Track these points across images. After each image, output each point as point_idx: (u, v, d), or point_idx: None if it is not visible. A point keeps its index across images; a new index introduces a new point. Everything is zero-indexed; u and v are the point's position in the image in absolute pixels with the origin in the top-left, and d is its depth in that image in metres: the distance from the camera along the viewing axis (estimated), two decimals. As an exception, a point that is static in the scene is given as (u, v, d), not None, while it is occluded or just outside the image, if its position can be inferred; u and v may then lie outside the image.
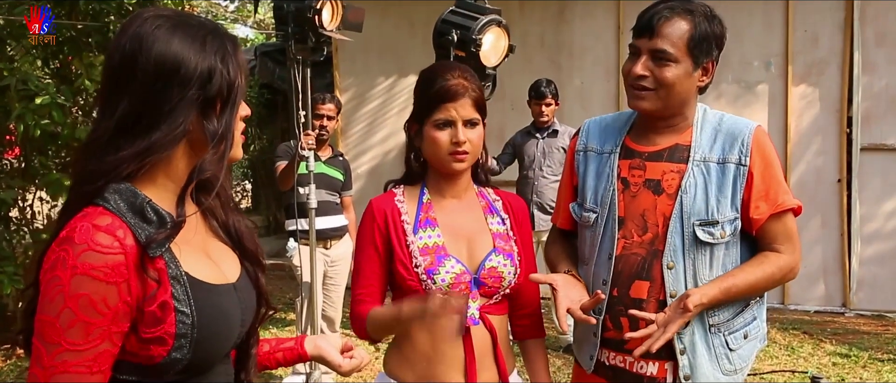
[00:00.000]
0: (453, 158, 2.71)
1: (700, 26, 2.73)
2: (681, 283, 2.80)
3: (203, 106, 1.76)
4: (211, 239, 1.97)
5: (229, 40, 1.82)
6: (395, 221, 2.76)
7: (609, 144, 2.97)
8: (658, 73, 2.74)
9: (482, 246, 2.77)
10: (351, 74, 10.85)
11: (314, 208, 5.85)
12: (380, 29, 10.07)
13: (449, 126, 2.70)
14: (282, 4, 5.42)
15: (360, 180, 10.32)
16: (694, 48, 2.74)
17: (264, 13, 22.62)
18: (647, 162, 2.88)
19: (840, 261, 9.29)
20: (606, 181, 2.91)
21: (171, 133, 1.71)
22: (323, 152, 6.73)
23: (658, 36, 2.72)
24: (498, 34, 3.97)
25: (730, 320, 2.88)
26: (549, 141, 7.55)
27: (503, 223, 2.86)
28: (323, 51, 5.58)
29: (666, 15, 2.73)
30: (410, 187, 2.88)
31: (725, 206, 2.80)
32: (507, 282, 2.75)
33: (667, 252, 2.81)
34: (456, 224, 2.79)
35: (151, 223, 1.71)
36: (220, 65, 1.76)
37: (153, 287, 1.70)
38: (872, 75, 9.15)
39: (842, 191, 9.25)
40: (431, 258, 2.69)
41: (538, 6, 9.99)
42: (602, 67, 9.78)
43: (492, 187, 2.98)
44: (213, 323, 1.79)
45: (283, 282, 10.97)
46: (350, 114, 10.79)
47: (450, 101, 2.69)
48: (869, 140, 9.18)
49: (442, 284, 2.66)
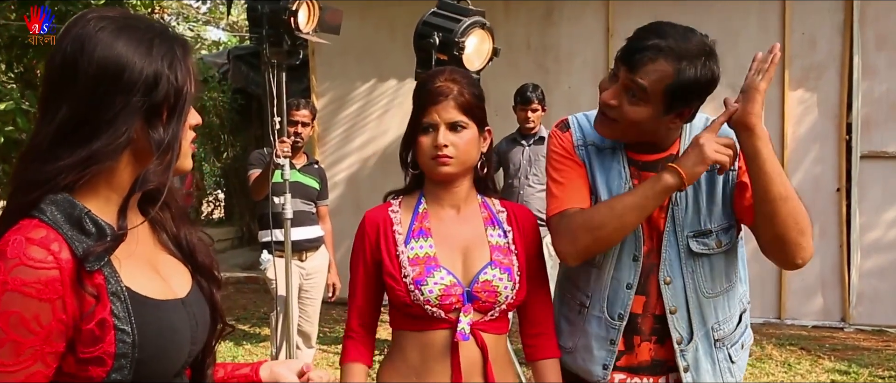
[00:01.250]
0: (436, 162, 2.71)
1: (684, 74, 2.60)
2: (680, 298, 2.81)
3: (148, 113, 1.72)
4: (160, 252, 1.94)
5: (179, 44, 1.80)
6: (387, 232, 2.77)
7: (608, 140, 2.92)
8: (626, 108, 2.68)
9: (478, 258, 2.76)
10: (328, 79, 10.82)
11: (289, 218, 5.83)
12: (358, 31, 10.04)
13: (432, 130, 2.71)
14: (256, 6, 5.40)
15: (337, 189, 10.32)
16: (670, 95, 2.64)
17: (238, 15, 22.58)
18: (642, 171, 2.87)
19: (839, 273, 9.28)
20: (619, 177, 2.87)
21: (114, 142, 1.68)
22: (297, 160, 6.71)
23: (637, 72, 2.63)
24: (482, 37, 3.97)
25: (732, 333, 2.90)
26: (535, 148, 7.52)
27: (505, 235, 2.84)
28: (299, 54, 5.56)
29: (651, 56, 2.62)
30: (408, 198, 2.89)
31: (718, 214, 2.81)
32: (503, 297, 2.73)
33: (662, 267, 2.82)
34: (452, 235, 2.79)
35: (90, 235, 1.67)
36: (168, 70, 1.74)
37: (91, 303, 1.66)
38: (873, 79, 9.10)
39: (841, 200, 9.23)
40: (421, 268, 2.68)
41: (524, 8, 9.99)
42: (590, 71, 9.73)
43: (499, 198, 2.96)
44: (157, 342, 1.75)
45: (257, 296, 10.96)
46: (327, 120, 10.77)
47: (432, 105, 2.70)
48: (869, 147, 9.15)
49: (430, 296, 2.66)
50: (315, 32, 5.54)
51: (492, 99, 9.44)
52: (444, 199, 2.82)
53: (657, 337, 2.88)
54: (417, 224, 2.78)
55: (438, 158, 2.70)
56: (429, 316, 2.68)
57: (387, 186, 2.99)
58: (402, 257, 2.71)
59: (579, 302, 2.97)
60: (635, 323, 2.84)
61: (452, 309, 2.68)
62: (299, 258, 6.63)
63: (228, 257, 14.18)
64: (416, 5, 4.48)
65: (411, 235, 2.76)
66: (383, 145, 10.45)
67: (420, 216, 2.80)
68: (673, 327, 2.83)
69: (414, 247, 2.73)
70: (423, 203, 2.84)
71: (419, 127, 2.73)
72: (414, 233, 2.76)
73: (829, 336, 8.94)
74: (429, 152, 2.71)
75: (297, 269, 6.57)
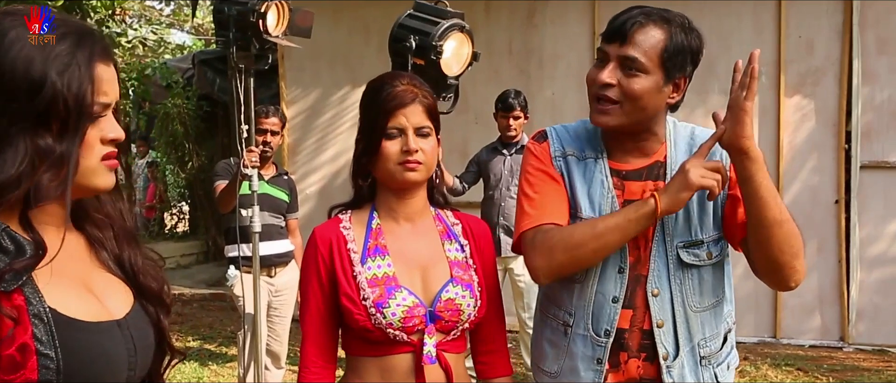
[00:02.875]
0: (404, 168, 2.68)
1: (676, 37, 2.71)
2: (667, 311, 2.81)
3: (35, 122, 1.65)
4: (97, 271, 1.88)
5: (84, 48, 1.71)
6: (341, 250, 2.73)
7: (589, 151, 2.93)
8: (625, 83, 2.71)
9: (438, 275, 2.74)
10: (299, 85, 10.81)
11: (258, 232, 5.81)
12: (331, 35, 10.06)
13: (399, 134, 2.68)
14: (222, 7, 5.39)
15: (308, 202, 10.30)
16: (667, 60, 2.71)
17: (203, 17, 22.56)
18: (625, 181, 2.87)
19: (838, 289, 9.28)
20: (602, 187, 2.87)
21: (17, 168, 1.63)
22: (266, 171, 6.70)
23: (630, 43, 2.69)
24: (461, 40, 3.98)
25: (718, 351, 2.91)
26: (517, 158, 7.47)
27: (462, 250, 2.83)
28: (267, 58, 5.56)
29: (640, 21, 2.70)
30: (358, 212, 2.85)
31: (708, 225, 2.83)
32: (466, 315, 2.72)
33: (650, 278, 2.81)
34: (409, 251, 2.76)
35: (8, 253, 1.63)
36: (56, 76, 1.65)
37: (9, 327, 1.60)
38: (873, 85, 9.10)
39: (840, 212, 9.23)
40: (381, 290, 2.65)
41: (505, 9, 10.01)
42: (575, 77, 9.64)
43: (451, 209, 2.96)
44: (86, 367, 1.69)
45: (224, 314, 10.92)
46: (298, 128, 10.76)
47: (399, 108, 2.67)
48: (869, 157, 9.14)
49: (393, 319, 2.62)
50: (285, 36, 5.54)
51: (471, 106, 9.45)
52: (398, 212, 2.80)
53: (646, 354, 2.86)
54: (372, 241, 2.75)
55: (408, 164, 2.67)
56: (390, 339, 2.65)
57: (360, 199, 2.97)
58: (360, 278, 2.67)
59: (563, 321, 2.95)
60: (622, 339, 2.83)
61: (415, 330, 2.66)
62: (268, 274, 6.61)
63: (193, 272, 14.15)
64: (391, 7, 4.49)
65: (367, 254, 2.72)
66: (357, 155, 10.34)
67: (374, 232, 2.77)
68: (660, 342, 2.82)
69: (371, 266, 2.70)
70: (376, 217, 2.80)
71: (383, 132, 2.68)
72: (370, 251, 2.73)
73: (827, 356, 8.96)
74: (396, 158, 2.67)
75: (266, 286, 6.54)
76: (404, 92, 2.68)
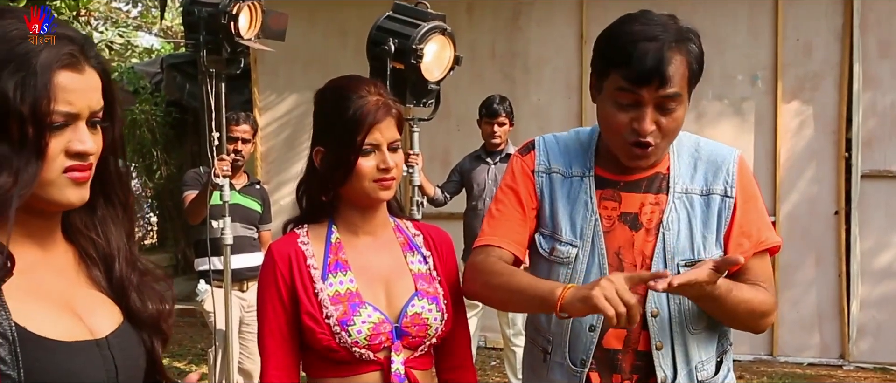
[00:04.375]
0: (380, 186, 2.68)
1: (692, 54, 2.65)
2: (666, 333, 2.77)
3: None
4: (83, 288, 1.86)
5: (45, 53, 1.67)
6: (300, 267, 2.71)
7: (577, 167, 2.91)
8: (666, 123, 2.66)
9: (403, 289, 2.74)
10: (272, 90, 10.80)
11: (229, 245, 5.80)
12: (306, 37, 10.04)
13: (374, 151, 2.67)
14: (192, 9, 5.37)
15: (282, 214, 10.08)
16: (692, 81, 2.68)
17: (172, 19, 22.51)
18: (622, 192, 2.85)
19: (838, 305, 9.23)
20: (585, 209, 2.85)
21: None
22: (238, 180, 6.70)
23: (669, 83, 2.60)
24: (442, 43, 3.97)
25: (714, 375, 2.88)
26: (502, 167, 7.45)
27: (425, 261, 2.84)
28: (239, 62, 5.55)
29: (668, 56, 2.58)
30: (315, 226, 2.83)
31: (711, 243, 2.80)
32: (433, 329, 2.72)
33: (650, 296, 2.76)
34: (371, 265, 2.76)
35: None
36: (10, 85, 1.62)
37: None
38: (875, 90, 9.03)
39: (840, 224, 9.17)
40: (344, 307, 2.64)
41: (489, 11, 10.00)
42: (562, 82, 9.76)
43: (410, 219, 2.97)
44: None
45: (194, 331, 10.87)
46: (271, 136, 10.75)
47: (376, 123, 2.65)
48: (871, 166, 9.07)
49: (358, 337, 2.61)
50: (257, 38, 5.53)
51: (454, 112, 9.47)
52: (359, 227, 2.79)
53: (639, 376, 2.82)
54: (333, 256, 2.73)
55: (383, 182, 2.68)
56: (356, 358, 2.64)
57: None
58: (322, 295, 2.65)
59: (542, 347, 2.94)
60: (614, 361, 2.80)
61: (382, 348, 2.66)
62: (240, 288, 6.62)
63: (162, 288, 14.01)
64: (369, 8, 4.48)
65: (328, 269, 2.71)
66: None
67: (334, 247, 2.75)
68: (658, 365, 2.78)
69: (332, 283, 2.68)
70: (335, 232, 2.79)
71: (359, 149, 2.65)
72: (330, 267, 2.71)
73: (826, 374, 8.96)
74: (371, 175, 2.66)
75: (238, 301, 6.54)
76: (377, 105, 2.66)
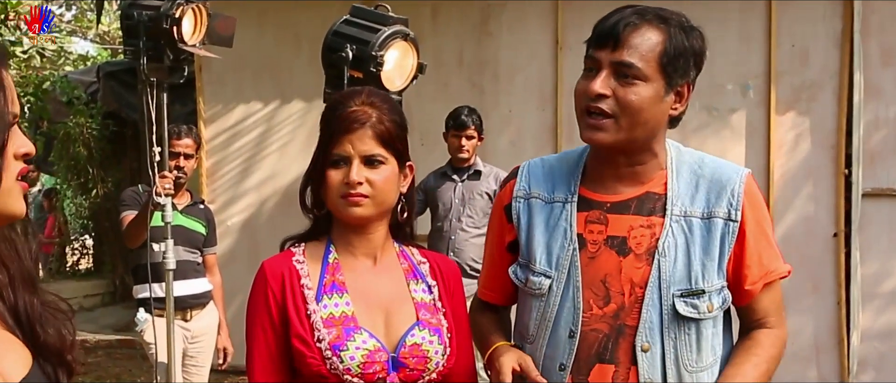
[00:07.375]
0: (346, 202, 2.67)
1: (675, 39, 2.66)
2: (657, 370, 2.73)
3: None
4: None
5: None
6: (294, 286, 2.70)
7: (560, 191, 2.90)
8: (622, 93, 2.66)
9: (403, 318, 2.73)
10: (219, 100, 10.70)
11: (172, 270, 5.77)
12: (256, 43, 10.00)
13: (344, 164, 2.67)
14: (131, 13, 5.35)
15: (229, 236, 10.23)
16: (668, 65, 2.66)
17: (109, 24, 22.46)
18: (608, 214, 2.82)
19: (837, 335, 9.14)
20: (563, 237, 2.83)
21: None
22: (179, 199, 6.65)
23: (624, 46, 2.63)
24: (404, 50, 3.97)
25: None
26: (469, 184, 7.49)
27: (430, 291, 2.83)
28: (183, 70, 5.55)
29: (634, 22, 2.64)
30: (313, 245, 2.84)
31: (712, 273, 2.76)
32: (434, 363, 2.70)
33: (641, 329, 2.73)
34: (370, 290, 2.75)
35: None
36: None
37: None
38: (877, 102, 8.90)
39: (839, 247, 9.07)
40: (338, 331, 2.63)
41: (455, 14, 9.95)
42: (536, 91, 9.68)
43: (418, 247, 2.95)
44: None
45: (133, 363, 10.84)
46: (217, 150, 10.66)
47: (344, 133, 2.66)
48: (873, 184, 8.97)
49: (351, 364, 2.60)
50: (203, 44, 5.52)
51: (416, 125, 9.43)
52: (357, 248, 2.79)
53: None
54: (329, 277, 2.73)
55: (350, 197, 2.66)
56: None
57: (290, 232, 2.93)
58: (314, 317, 2.65)
59: None
60: None
61: (375, 378, 2.64)
62: (183, 317, 6.57)
63: (98, 316, 13.99)
64: (324, 10, 4.47)
65: (323, 291, 2.70)
66: (286, 182, 10.33)
67: (331, 267, 2.75)
68: None
69: (327, 304, 2.68)
70: (333, 252, 2.79)
71: (328, 159, 2.68)
72: (326, 288, 2.71)
73: (823, 407, 8.93)
74: (339, 190, 2.67)
75: (181, 331, 6.49)
76: (353, 114, 2.67)
